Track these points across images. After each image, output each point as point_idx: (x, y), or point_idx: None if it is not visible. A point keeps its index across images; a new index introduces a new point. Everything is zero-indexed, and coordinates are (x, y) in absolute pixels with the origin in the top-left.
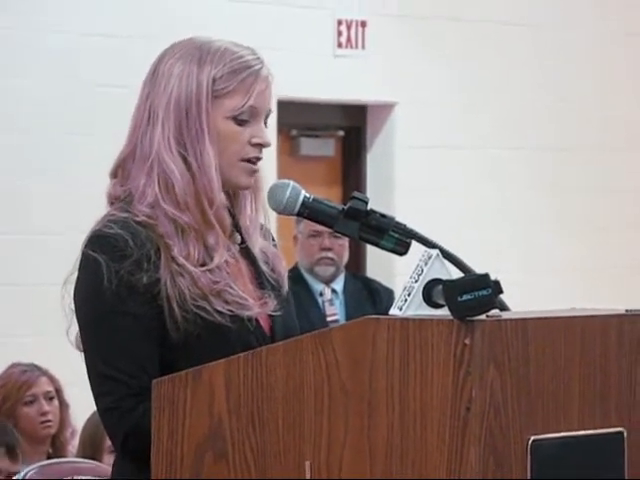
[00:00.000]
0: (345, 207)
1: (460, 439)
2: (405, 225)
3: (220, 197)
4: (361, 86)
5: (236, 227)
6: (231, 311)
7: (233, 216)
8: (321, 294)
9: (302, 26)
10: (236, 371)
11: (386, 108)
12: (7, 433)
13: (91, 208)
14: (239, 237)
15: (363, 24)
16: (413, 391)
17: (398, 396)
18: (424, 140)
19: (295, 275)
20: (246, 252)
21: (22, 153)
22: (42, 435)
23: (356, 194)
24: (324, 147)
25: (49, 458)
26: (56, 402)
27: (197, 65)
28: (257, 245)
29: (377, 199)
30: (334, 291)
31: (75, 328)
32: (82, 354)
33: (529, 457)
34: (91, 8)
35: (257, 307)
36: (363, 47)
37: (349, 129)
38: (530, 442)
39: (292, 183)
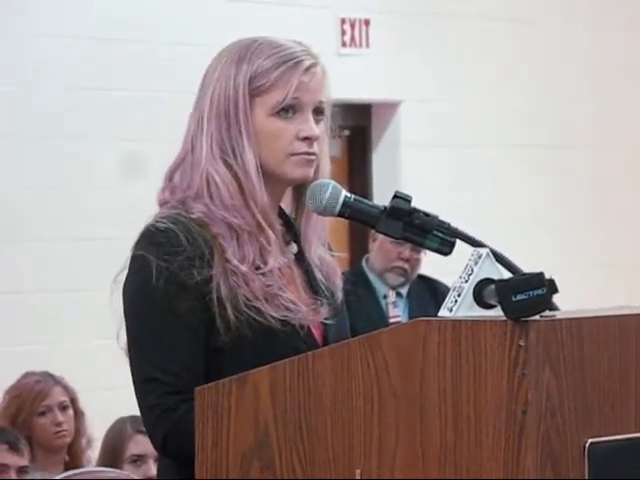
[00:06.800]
0: (387, 206)
1: (517, 444)
2: (449, 224)
3: (264, 198)
4: (366, 85)
5: (294, 234)
6: (283, 316)
7: (292, 223)
8: (385, 297)
9: (305, 25)
10: (282, 377)
11: (391, 107)
12: (6, 431)
13: (88, 216)
14: (295, 247)
15: (367, 22)
16: (466, 395)
17: (451, 400)
18: (430, 138)
19: (359, 275)
20: (301, 259)
21: (18, 161)
22: (57, 445)
23: (398, 193)
24: (330, 147)
25: (66, 467)
26: (70, 411)
27: (235, 66)
28: (315, 252)
29: (383, 198)
30: (399, 294)
31: (124, 334)
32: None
33: (586, 460)
34: (82, 11)
35: (309, 314)
36: (367, 46)
37: (354, 128)
38: (587, 445)
39: (332, 183)
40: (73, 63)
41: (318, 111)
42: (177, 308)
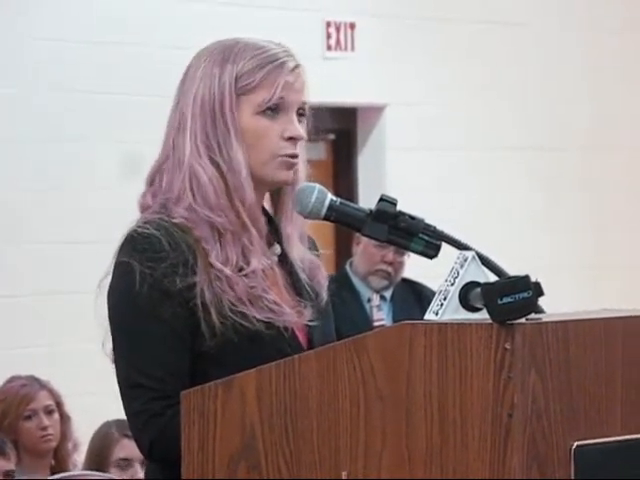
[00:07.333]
0: (373, 210)
1: (502, 447)
2: (435, 227)
3: (252, 196)
4: (351, 88)
5: (277, 235)
6: (268, 318)
7: (274, 223)
8: (369, 300)
9: (291, 29)
10: (268, 380)
11: (376, 110)
12: None
13: (85, 218)
14: (279, 248)
15: (352, 26)
16: (452, 397)
17: (437, 403)
18: (415, 142)
19: (342, 278)
20: (284, 260)
21: (19, 162)
22: (43, 449)
23: (384, 196)
24: (315, 150)
25: (52, 471)
26: (56, 415)
27: (219, 65)
28: (297, 252)
29: (368, 202)
30: (383, 297)
31: (110, 341)
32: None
33: (572, 463)
34: (82, 14)
35: (292, 316)
36: (353, 49)
37: (340, 132)
38: (573, 448)
39: (318, 186)
40: (72, 65)
41: (300, 112)
42: (161, 314)
